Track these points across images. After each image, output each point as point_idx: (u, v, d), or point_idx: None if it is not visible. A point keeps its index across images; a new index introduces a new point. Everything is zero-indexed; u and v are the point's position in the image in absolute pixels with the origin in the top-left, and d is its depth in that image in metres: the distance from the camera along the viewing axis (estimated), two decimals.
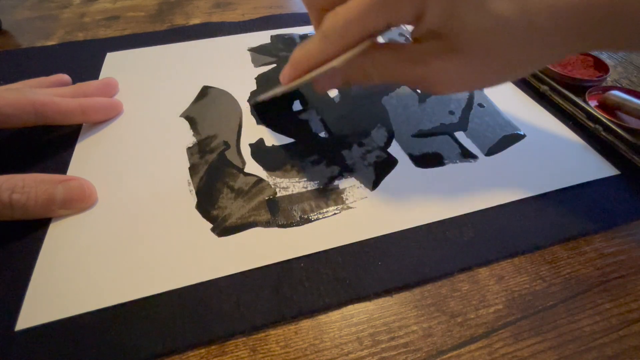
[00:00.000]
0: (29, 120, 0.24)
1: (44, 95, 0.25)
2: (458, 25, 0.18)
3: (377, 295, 0.19)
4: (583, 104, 0.28)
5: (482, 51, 0.18)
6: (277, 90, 0.25)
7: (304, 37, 0.39)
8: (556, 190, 0.23)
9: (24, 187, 0.20)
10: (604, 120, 0.27)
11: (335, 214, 0.22)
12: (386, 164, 0.25)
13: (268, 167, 0.25)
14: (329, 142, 0.27)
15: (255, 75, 0.33)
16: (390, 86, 0.32)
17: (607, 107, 0.29)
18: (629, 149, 0.25)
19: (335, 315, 0.18)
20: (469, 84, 0.21)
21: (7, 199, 0.19)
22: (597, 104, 0.29)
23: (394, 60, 0.20)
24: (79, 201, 0.22)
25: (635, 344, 0.17)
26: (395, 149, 0.26)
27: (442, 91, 0.21)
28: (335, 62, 0.19)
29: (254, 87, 0.32)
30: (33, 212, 0.20)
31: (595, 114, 0.27)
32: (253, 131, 0.28)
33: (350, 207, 0.22)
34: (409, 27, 0.41)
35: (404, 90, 0.32)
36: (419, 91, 0.32)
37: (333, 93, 0.31)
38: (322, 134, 0.27)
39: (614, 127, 0.26)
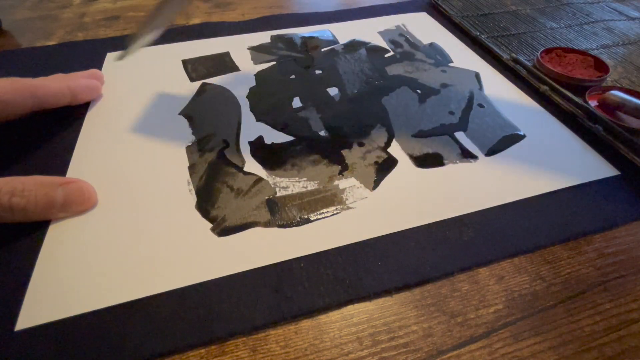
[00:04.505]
0: (27, 104, 0.25)
1: (35, 79, 0.27)
2: None
3: (377, 295, 0.19)
4: (583, 104, 0.28)
5: None
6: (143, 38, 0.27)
7: (304, 37, 0.39)
8: (556, 190, 0.23)
9: (23, 190, 0.20)
10: (604, 120, 0.27)
11: (335, 214, 0.22)
12: (386, 164, 0.25)
13: (268, 166, 0.25)
14: (329, 142, 0.27)
15: (255, 72, 0.33)
16: (390, 86, 0.32)
17: (607, 107, 0.29)
18: (629, 149, 0.25)
19: (335, 315, 0.18)
20: None
21: (7, 203, 0.19)
22: (597, 104, 0.29)
23: None
24: (79, 204, 0.22)
25: (635, 344, 0.17)
26: (395, 149, 0.26)
27: None
28: None
29: (254, 84, 0.32)
30: (33, 215, 0.20)
31: (596, 113, 0.27)
32: (252, 129, 0.28)
33: (350, 207, 0.22)
34: (410, 28, 0.41)
35: (404, 90, 0.32)
36: (418, 91, 0.31)
37: (333, 92, 0.31)
38: (322, 133, 0.27)
39: (614, 127, 0.26)
